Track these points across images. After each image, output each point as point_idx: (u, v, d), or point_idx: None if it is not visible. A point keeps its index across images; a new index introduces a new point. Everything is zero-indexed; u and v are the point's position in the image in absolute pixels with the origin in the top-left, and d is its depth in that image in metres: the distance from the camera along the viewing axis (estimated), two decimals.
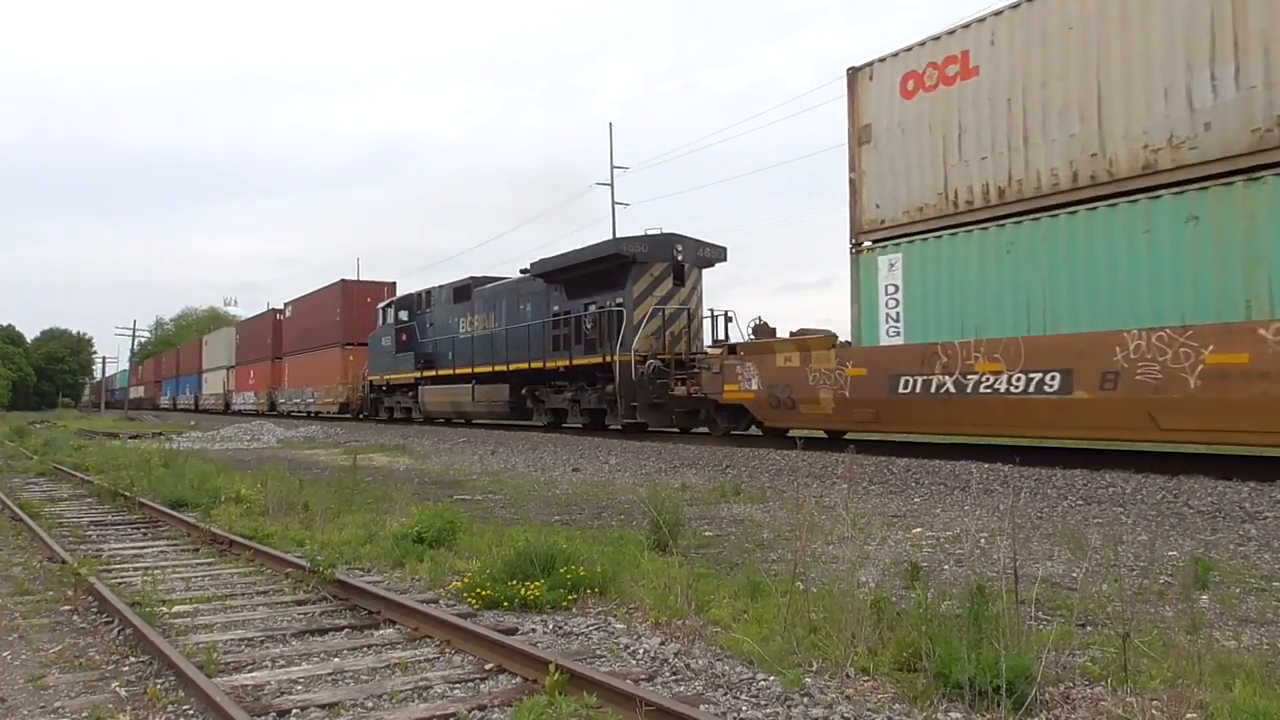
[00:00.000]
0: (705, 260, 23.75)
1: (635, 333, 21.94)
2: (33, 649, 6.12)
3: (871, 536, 9.27)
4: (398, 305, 35.61)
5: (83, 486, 16.47)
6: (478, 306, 30.06)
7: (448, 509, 9.97)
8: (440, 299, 33.16)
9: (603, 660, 5.55)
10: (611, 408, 22.78)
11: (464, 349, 29.97)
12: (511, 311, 27.80)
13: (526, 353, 26.07)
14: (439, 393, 31.72)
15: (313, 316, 47.30)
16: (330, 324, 43.93)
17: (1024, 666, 4.45)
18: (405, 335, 34.56)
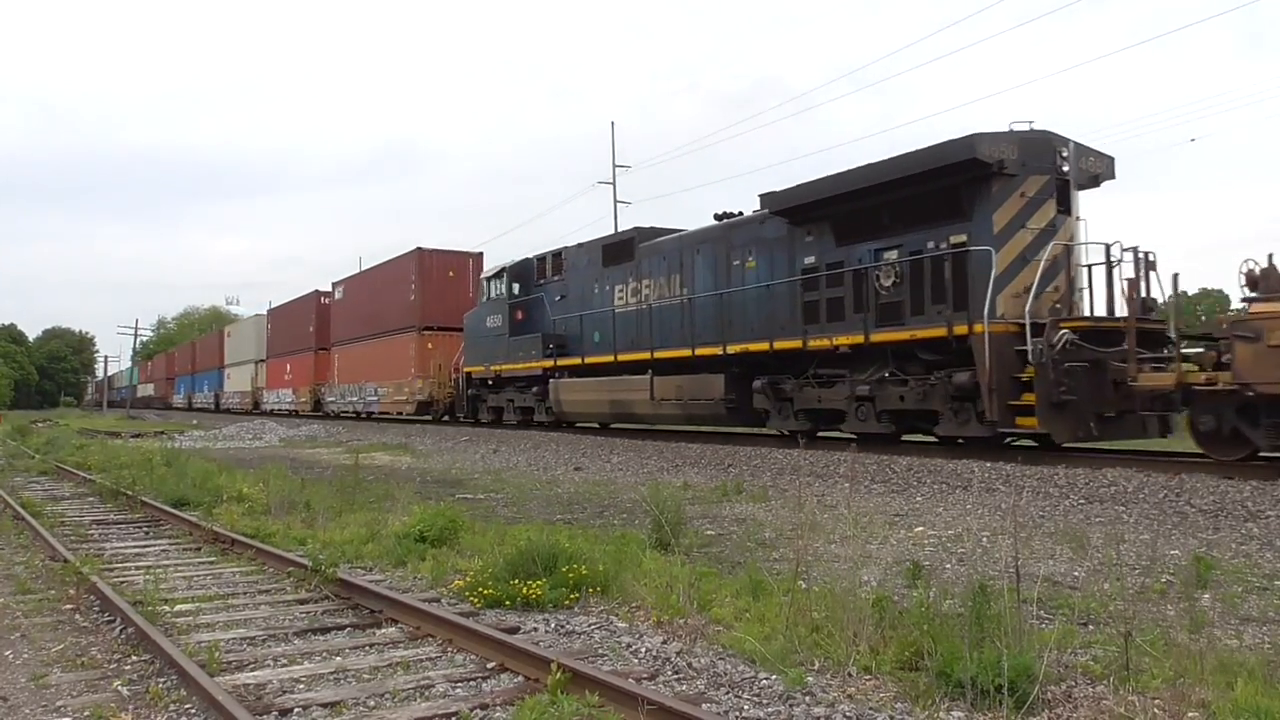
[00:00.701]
0: (1089, 177, 15.13)
1: (1002, 287, 13.97)
2: (35, 648, 6.12)
3: (873, 535, 9.27)
4: (511, 275, 26.91)
5: (85, 485, 16.48)
6: (647, 267, 21.65)
7: (450, 508, 9.98)
8: (578, 263, 24.51)
9: (605, 659, 5.55)
10: (960, 408, 14.43)
11: (626, 327, 21.87)
12: (713, 270, 19.46)
13: (754, 327, 18.02)
14: (585, 388, 23.30)
15: (375, 297, 38.92)
16: (401, 304, 35.55)
17: (1026, 665, 4.45)
18: (522, 313, 26.36)
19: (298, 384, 48.40)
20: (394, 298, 36.41)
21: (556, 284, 25.37)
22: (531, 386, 25.83)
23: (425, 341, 34.05)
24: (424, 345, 34.00)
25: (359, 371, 40.08)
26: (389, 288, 37.29)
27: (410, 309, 34.90)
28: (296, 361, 48.78)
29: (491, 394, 28.62)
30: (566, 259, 25.02)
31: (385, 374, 36.90)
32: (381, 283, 38.42)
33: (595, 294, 23.47)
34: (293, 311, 51.07)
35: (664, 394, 20.37)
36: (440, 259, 35.34)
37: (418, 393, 33.68)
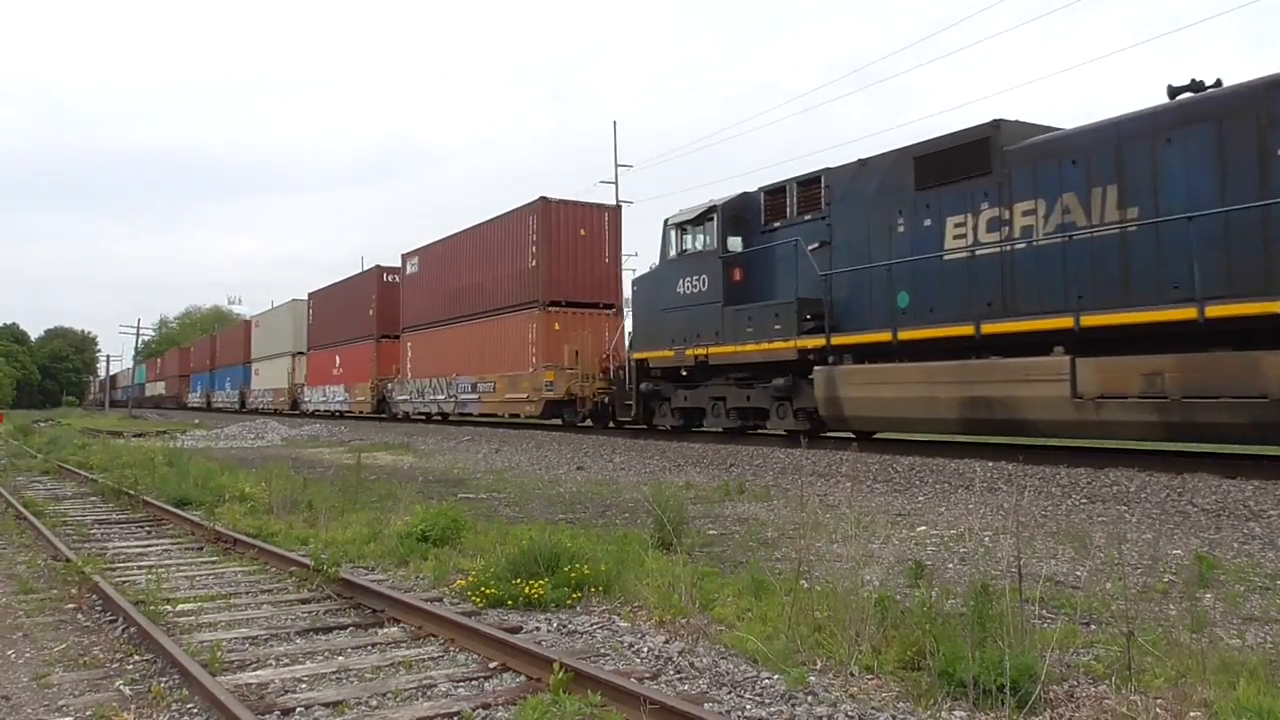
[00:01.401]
0: None
1: None
2: (37, 647, 6.13)
3: (875, 535, 9.27)
4: (725, 219, 19.08)
5: (87, 485, 16.49)
6: (1027, 181, 13.78)
7: (452, 507, 9.98)
8: (857, 190, 16.70)
9: (607, 659, 5.55)
10: None
11: (981, 280, 14.33)
12: (1217, 169, 11.63)
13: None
14: (894, 379, 15.36)
15: (472, 267, 31.01)
16: (514, 274, 27.98)
17: (1028, 665, 4.45)
18: (743, 271, 19.05)
19: (352, 379, 41.16)
20: (503, 267, 28.82)
21: (807, 226, 17.63)
22: (770, 377, 17.88)
23: (551, 321, 26.22)
24: (549, 326, 26.22)
25: (445, 362, 32.20)
26: (495, 254, 29.50)
27: (529, 280, 27.11)
28: (350, 353, 41.56)
29: (683, 389, 20.65)
30: (833, 186, 17.22)
31: (489, 364, 29.01)
32: (481, 249, 30.60)
33: (899, 233, 15.77)
34: (344, 294, 43.37)
35: (1109, 386, 12.10)
36: (570, 213, 27.22)
37: (545, 389, 25.48)
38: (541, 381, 25.72)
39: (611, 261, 27.59)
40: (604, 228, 27.69)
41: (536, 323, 26.72)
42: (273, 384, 53.15)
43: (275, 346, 52.86)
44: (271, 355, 53.66)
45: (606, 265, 27.56)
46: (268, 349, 54.56)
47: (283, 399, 51.03)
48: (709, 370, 19.72)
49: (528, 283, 27.42)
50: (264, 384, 55.11)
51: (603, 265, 27.53)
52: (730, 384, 19.32)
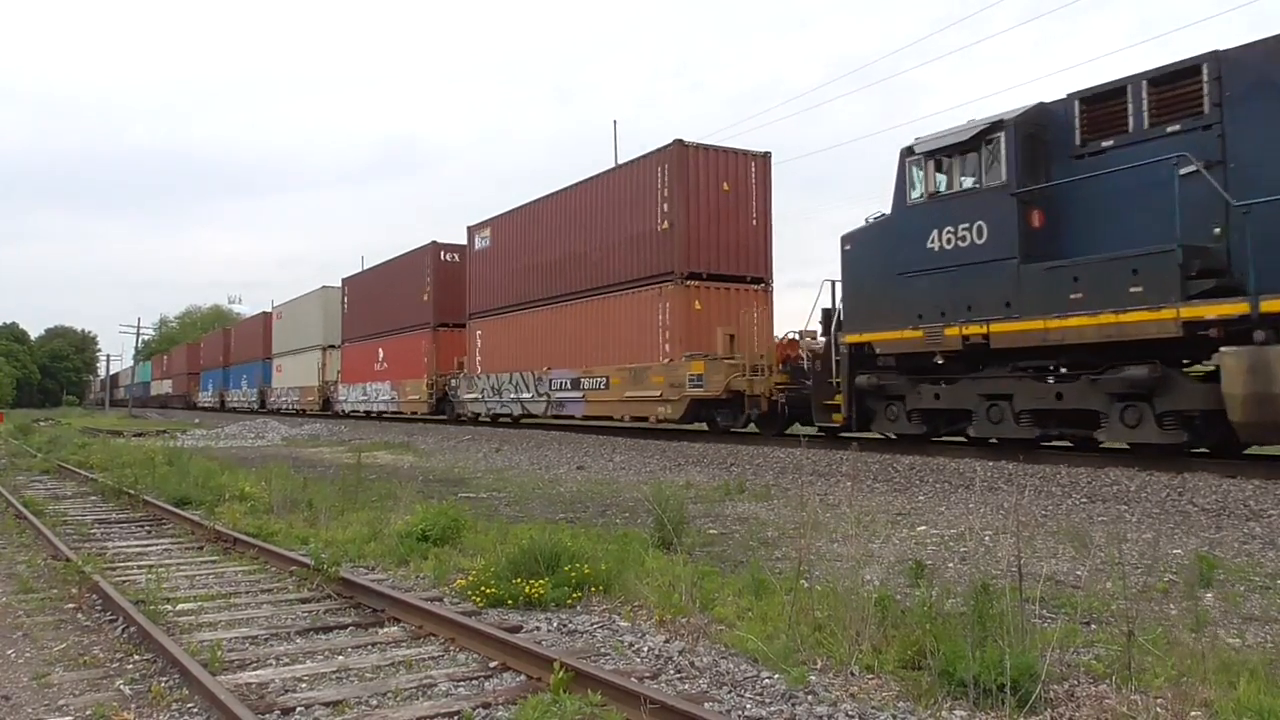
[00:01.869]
0: None
1: None
2: (37, 647, 6.13)
3: (876, 534, 9.27)
4: (1015, 141, 13.69)
5: (87, 484, 16.49)
6: None
7: (452, 507, 9.98)
8: (1266, 78, 11.57)
9: (607, 658, 5.55)
10: None
11: None
12: None
13: None
14: None
15: (568, 235, 25.49)
16: (637, 242, 22.40)
17: (1028, 664, 4.44)
18: (1043, 215, 13.79)
19: (402, 374, 36.12)
20: (618, 232, 23.11)
21: (1171, 141, 12.31)
22: (1107, 365, 12.60)
23: (690, 298, 20.99)
24: (687, 304, 20.92)
25: (532, 353, 26.85)
26: (605, 217, 23.76)
27: (658, 247, 21.67)
28: (399, 344, 36.40)
29: (930, 383, 15.07)
30: (1228, 78, 11.89)
31: (598, 354, 23.79)
32: (584, 212, 24.92)
33: None
34: (389, 278, 38.02)
35: None
36: (710, 162, 21.69)
37: (690, 384, 20.16)
38: (683, 375, 20.22)
39: (760, 223, 22.16)
40: (751, 180, 22.16)
41: (670, 301, 21.11)
42: (299, 381, 47.98)
43: (302, 339, 47.79)
44: (297, 349, 48.72)
45: (754, 228, 22.11)
46: (293, 342, 49.52)
47: (311, 398, 46.01)
48: (983, 356, 14.14)
49: (656, 251, 21.71)
50: (289, 381, 50.06)
51: (748, 228, 22.02)
52: (1023, 376, 13.72)
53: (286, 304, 52.66)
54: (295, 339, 49.23)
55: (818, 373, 17.33)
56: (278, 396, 51.62)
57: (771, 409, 19.24)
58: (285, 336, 51.22)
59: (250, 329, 59.72)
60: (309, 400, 46.66)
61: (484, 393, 29.71)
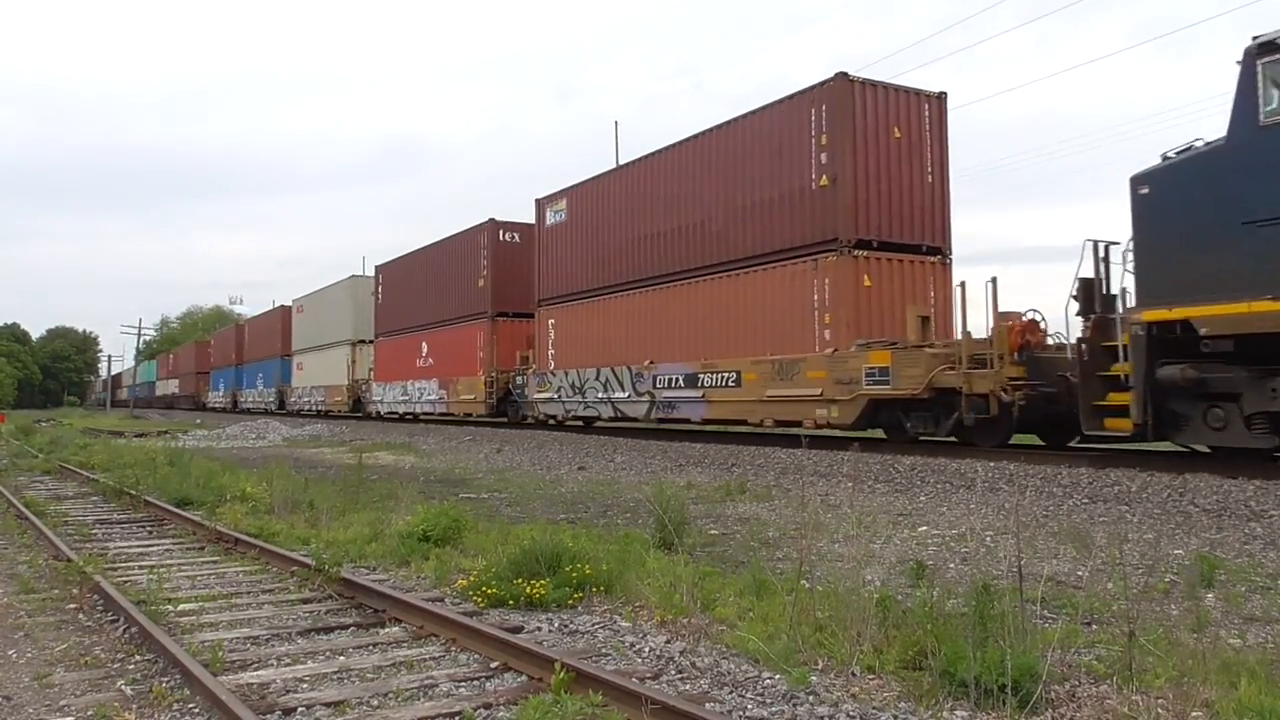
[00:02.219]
0: None
1: None
2: (38, 647, 6.13)
3: (877, 535, 9.27)
4: None
5: (88, 485, 16.50)
6: None
7: (453, 507, 9.99)
8: None
9: (608, 658, 5.55)
10: None
11: None
12: None
13: None
14: None
15: (670, 205, 21.47)
16: (774, 206, 18.41)
17: (1029, 665, 4.44)
18: None
19: (452, 370, 31.77)
20: (746, 194, 19.13)
21: None
22: None
23: (858, 272, 16.97)
24: (853, 280, 16.91)
25: (627, 345, 22.77)
26: (724, 177, 19.83)
27: (809, 209, 17.58)
28: (448, 337, 32.17)
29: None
30: None
31: (720, 345, 19.55)
32: (690, 174, 20.87)
33: None
34: (434, 263, 33.74)
35: None
36: (877, 100, 17.57)
37: (866, 380, 16.10)
38: (856, 369, 16.29)
39: (937, 180, 18.06)
40: (925, 126, 17.97)
41: (831, 276, 17.08)
42: (324, 379, 43.24)
43: (327, 334, 43.33)
44: (322, 345, 44.01)
45: (929, 186, 18.00)
46: (316, 337, 44.81)
47: (339, 398, 41.18)
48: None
49: (810, 214, 17.51)
50: (311, 379, 45.16)
51: (923, 186, 17.88)
52: None
53: (309, 296, 47.47)
54: (320, 334, 44.34)
55: (1085, 364, 12.93)
56: (299, 396, 47.17)
57: (1003, 412, 14.44)
58: (308, 331, 46.24)
59: (267, 324, 54.69)
60: (336, 400, 41.90)
61: (561, 392, 25.21)
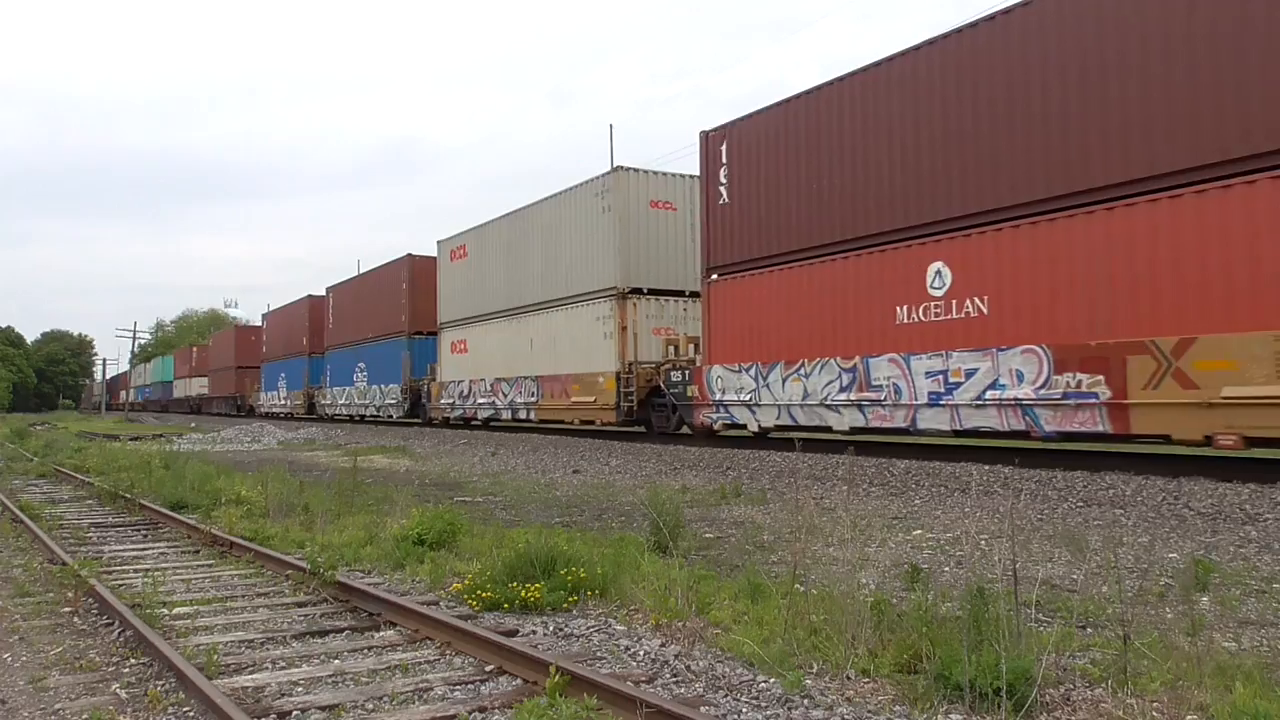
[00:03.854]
0: None
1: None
2: (33, 651, 6.12)
3: (872, 538, 9.27)
4: None
5: (83, 488, 16.47)
6: None
7: (448, 511, 9.98)
8: None
9: (603, 662, 5.55)
10: None
11: None
12: None
13: None
14: None
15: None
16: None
17: (1024, 668, 4.45)
18: None
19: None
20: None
21: None
22: None
23: None
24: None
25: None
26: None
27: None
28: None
29: None
30: None
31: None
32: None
33: None
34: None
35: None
36: None
37: None
38: None
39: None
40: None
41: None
42: (567, 364, 24.58)
43: (549, 285, 25.95)
44: (532, 307, 26.65)
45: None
46: (511, 295, 27.77)
47: (601, 398, 22.97)
48: None
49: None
50: (490, 366, 28.57)
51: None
52: None
53: (471, 232, 30.55)
54: (516, 289, 27.52)
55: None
56: (460, 396, 30.49)
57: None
58: (486, 288, 29.43)
59: (382, 281, 37.50)
60: (591, 402, 23.41)
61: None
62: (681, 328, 22.62)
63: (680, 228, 23.01)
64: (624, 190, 22.71)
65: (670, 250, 23.04)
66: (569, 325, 24.60)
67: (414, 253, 36.00)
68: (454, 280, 31.92)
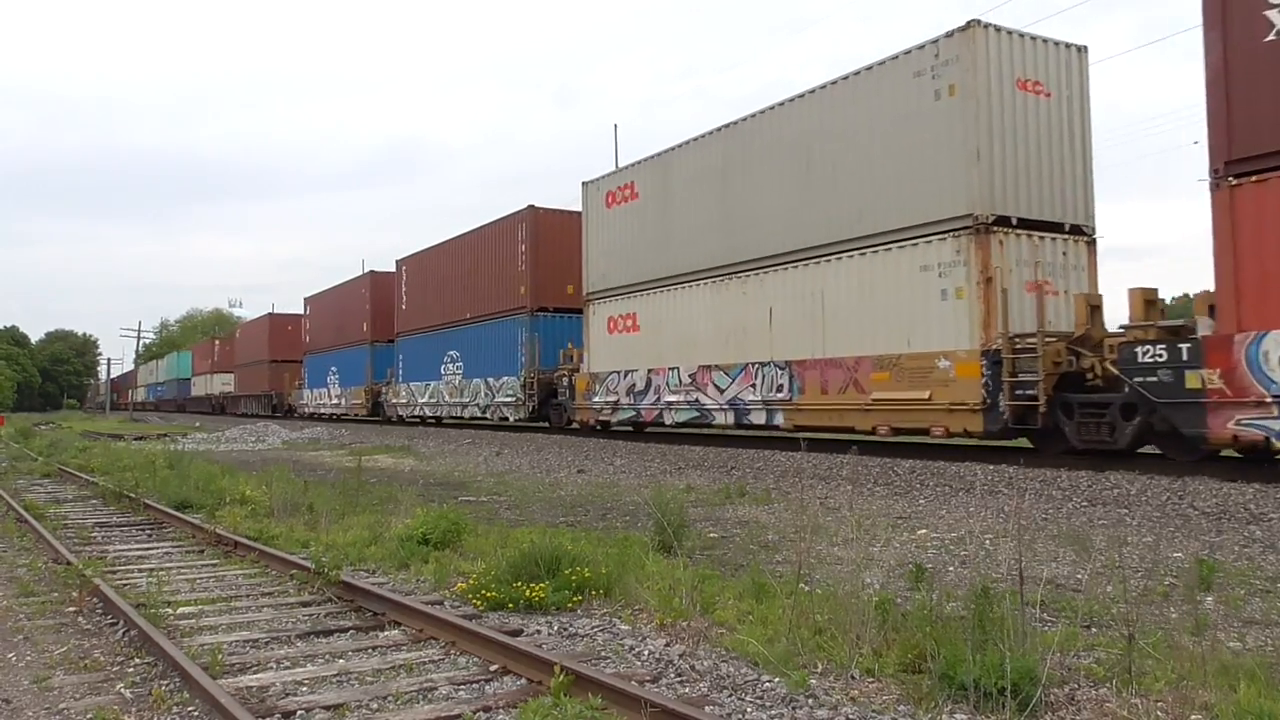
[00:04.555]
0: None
1: None
2: (38, 650, 6.13)
3: (876, 538, 9.27)
4: None
5: (88, 488, 16.49)
6: None
7: (453, 510, 9.98)
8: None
9: (608, 662, 5.55)
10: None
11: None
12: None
13: None
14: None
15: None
16: None
17: (1029, 668, 4.45)
18: None
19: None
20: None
21: None
22: None
23: None
24: None
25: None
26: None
27: None
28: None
29: None
30: None
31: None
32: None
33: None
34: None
35: None
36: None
37: None
38: None
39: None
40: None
41: None
42: (856, 342, 16.53)
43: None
44: (784, 256, 18.24)
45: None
46: (736, 241, 19.43)
47: (954, 404, 14.63)
48: None
49: None
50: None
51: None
52: None
53: (643, 164, 22.58)
54: (704, 243, 20.33)
55: None
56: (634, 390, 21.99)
57: None
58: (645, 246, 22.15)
59: (465, 256, 30.66)
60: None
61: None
62: (1062, 282, 15.30)
63: (1056, 122, 15.48)
64: (977, 59, 14.79)
65: (1043, 159, 15.36)
66: (862, 281, 16.53)
67: (537, 205, 27.55)
68: (611, 233, 23.30)
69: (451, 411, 31.84)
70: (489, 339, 29.21)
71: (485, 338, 29.49)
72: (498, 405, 28.39)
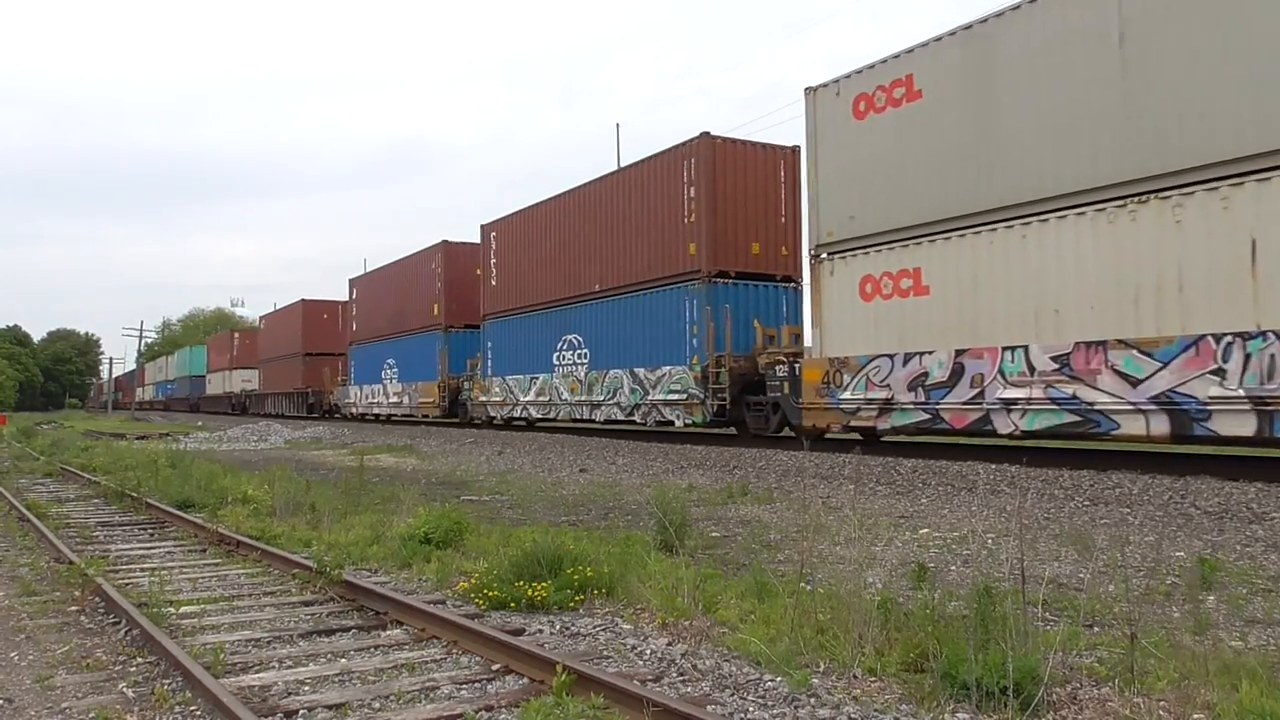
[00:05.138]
0: None
1: None
2: (40, 649, 6.14)
3: (878, 537, 9.27)
4: None
5: (90, 487, 16.51)
6: None
7: (455, 510, 9.99)
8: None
9: (610, 661, 5.55)
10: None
11: None
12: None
13: None
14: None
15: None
16: None
17: (1031, 667, 4.45)
18: None
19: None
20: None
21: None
22: None
23: None
24: None
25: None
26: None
27: None
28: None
29: None
30: None
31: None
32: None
33: None
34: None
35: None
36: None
37: None
38: None
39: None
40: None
41: None
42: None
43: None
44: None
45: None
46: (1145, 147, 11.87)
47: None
48: None
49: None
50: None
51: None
52: None
53: (926, 48, 15.12)
54: (1080, 153, 12.78)
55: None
56: (919, 380, 14.82)
57: None
58: (937, 169, 14.90)
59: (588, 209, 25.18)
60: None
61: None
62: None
63: None
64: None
65: None
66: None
67: (713, 133, 20.74)
68: (866, 154, 16.16)
69: (574, 412, 25.42)
70: (635, 316, 22.84)
71: (628, 315, 23.10)
72: (654, 405, 21.96)
